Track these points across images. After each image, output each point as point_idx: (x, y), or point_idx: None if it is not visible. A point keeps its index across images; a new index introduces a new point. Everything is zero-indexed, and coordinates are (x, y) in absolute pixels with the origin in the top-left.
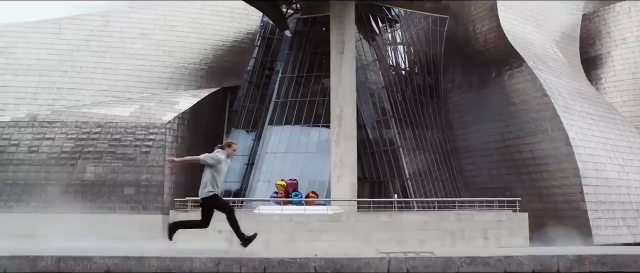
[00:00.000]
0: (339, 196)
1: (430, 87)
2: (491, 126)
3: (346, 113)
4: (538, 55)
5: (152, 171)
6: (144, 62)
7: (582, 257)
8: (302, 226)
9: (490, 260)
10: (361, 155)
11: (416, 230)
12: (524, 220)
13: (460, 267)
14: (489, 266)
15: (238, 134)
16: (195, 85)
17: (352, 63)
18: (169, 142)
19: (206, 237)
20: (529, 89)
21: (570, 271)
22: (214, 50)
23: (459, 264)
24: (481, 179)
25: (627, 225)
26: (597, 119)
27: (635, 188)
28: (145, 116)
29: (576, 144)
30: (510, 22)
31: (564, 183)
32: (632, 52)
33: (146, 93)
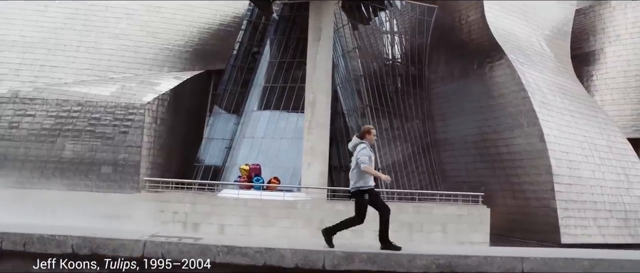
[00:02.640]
0: (308, 183)
1: (414, 77)
2: (471, 119)
3: (320, 100)
4: (521, 49)
5: (129, 151)
6: (127, 42)
7: (351, 254)
8: (257, 211)
9: (249, 251)
10: (339, 143)
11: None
12: (485, 216)
13: (217, 255)
14: (247, 257)
15: (220, 117)
16: (179, 67)
17: (328, 50)
18: (147, 123)
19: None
20: (508, 82)
21: (337, 268)
22: (200, 32)
23: (215, 252)
24: (458, 173)
25: (598, 226)
26: (577, 116)
27: (610, 188)
28: (125, 96)
29: (550, 141)
30: (496, 13)
31: (536, 180)
32: (625, 50)
33: (129, 73)
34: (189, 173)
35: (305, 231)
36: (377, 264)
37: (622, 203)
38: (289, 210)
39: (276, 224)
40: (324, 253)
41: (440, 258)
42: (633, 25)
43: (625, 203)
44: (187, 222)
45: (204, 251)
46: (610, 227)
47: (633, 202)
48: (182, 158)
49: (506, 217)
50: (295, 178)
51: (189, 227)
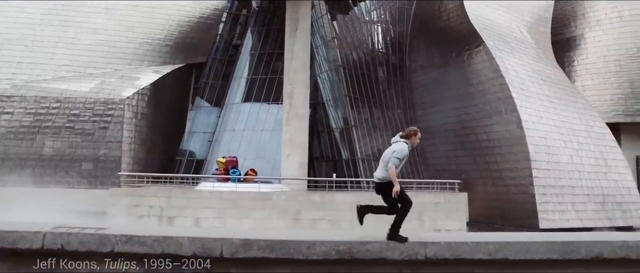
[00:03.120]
0: (287, 175)
1: (394, 66)
2: (450, 107)
3: (297, 92)
4: (501, 36)
5: (110, 147)
6: (106, 37)
7: (249, 241)
8: (232, 204)
9: (147, 239)
10: (319, 134)
11: (348, 210)
12: (462, 203)
13: (116, 244)
14: (145, 246)
15: (202, 110)
16: (159, 61)
17: (305, 41)
18: (127, 118)
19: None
20: (486, 69)
21: (235, 256)
22: (179, 26)
23: (114, 242)
24: (439, 161)
25: (576, 210)
26: (555, 102)
27: (588, 173)
28: (104, 92)
29: (528, 127)
30: (476, 1)
31: (515, 167)
32: (605, 35)
33: (108, 68)
34: (171, 167)
35: (280, 222)
36: (276, 251)
37: (600, 187)
38: (264, 202)
39: (251, 216)
40: (221, 240)
41: (340, 245)
42: (612, 10)
43: (603, 187)
44: (163, 215)
45: (103, 241)
46: (588, 211)
47: (611, 186)
48: (164, 153)
49: (486, 203)
50: (276, 170)
51: (165, 221)
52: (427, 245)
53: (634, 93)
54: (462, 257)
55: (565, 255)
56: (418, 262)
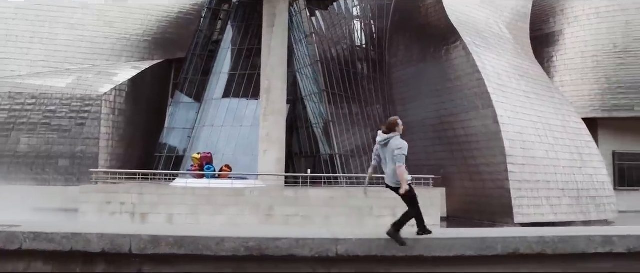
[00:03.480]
0: (264, 171)
1: (374, 62)
2: (429, 102)
3: (275, 87)
4: (478, 32)
5: (87, 143)
6: (84, 32)
7: (158, 238)
8: (205, 200)
9: (55, 236)
10: (298, 130)
11: (322, 206)
12: (436, 198)
13: (24, 242)
14: (54, 243)
15: (181, 106)
16: (138, 57)
17: (283, 37)
18: (105, 114)
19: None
20: (463, 65)
21: (144, 252)
22: (158, 21)
23: (22, 239)
24: (418, 156)
25: (551, 204)
26: (532, 97)
27: (563, 168)
28: (81, 88)
29: (504, 122)
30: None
31: (491, 162)
32: (583, 31)
33: (86, 64)
34: (150, 164)
35: (253, 218)
36: (185, 248)
37: (575, 182)
38: (236, 198)
39: (224, 212)
40: (130, 237)
41: (250, 241)
42: (589, 7)
43: (578, 182)
44: (135, 212)
45: (11, 238)
46: (562, 205)
47: (585, 181)
48: (144, 149)
49: (464, 198)
50: (254, 165)
51: (137, 217)
52: (338, 242)
53: (611, 89)
54: (374, 254)
55: (480, 251)
56: (330, 260)
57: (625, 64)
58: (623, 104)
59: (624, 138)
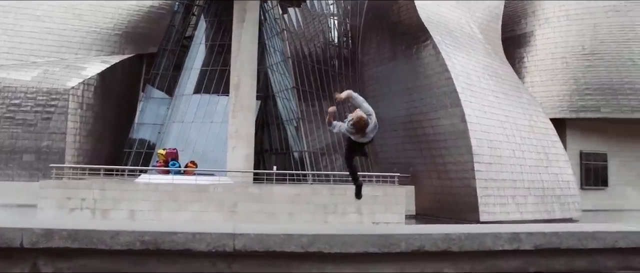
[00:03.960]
0: (233, 167)
1: (346, 60)
2: (399, 100)
3: (244, 83)
4: (449, 31)
5: (53, 138)
6: (51, 24)
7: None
8: (168, 196)
9: None
10: (269, 127)
11: (287, 203)
12: (401, 196)
13: None
14: None
15: (152, 102)
16: (108, 51)
17: (253, 33)
18: (72, 108)
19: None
20: (432, 64)
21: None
22: (129, 15)
23: None
24: (389, 154)
25: (516, 203)
26: (500, 97)
27: (529, 167)
28: (48, 81)
29: (472, 121)
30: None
31: (459, 160)
32: (554, 32)
33: (53, 57)
34: (120, 159)
35: (218, 215)
36: (79, 241)
37: (541, 181)
38: (200, 194)
39: (187, 208)
40: (22, 230)
41: (146, 235)
42: (560, 9)
43: (543, 181)
44: (96, 208)
45: None
46: (528, 204)
47: (550, 180)
48: (113, 144)
49: (432, 196)
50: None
51: (98, 213)
52: (235, 236)
53: (578, 90)
54: (273, 249)
55: (383, 248)
56: (230, 255)
57: (592, 66)
58: (590, 105)
59: (591, 139)
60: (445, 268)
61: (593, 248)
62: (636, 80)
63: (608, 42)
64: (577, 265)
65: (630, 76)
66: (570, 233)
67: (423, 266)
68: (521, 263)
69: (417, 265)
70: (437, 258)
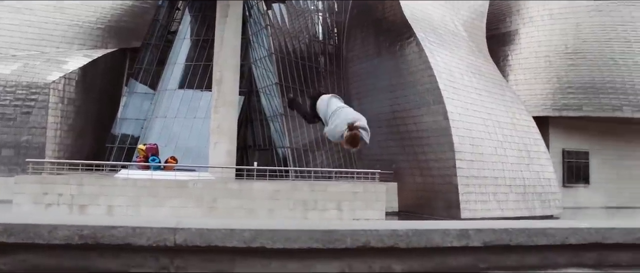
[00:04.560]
0: (215, 163)
1: (331, 56)
2: (383, 97)
3: (227, 78)
4: (433, 28)
5: (33, 133)
6: (32, 17)
7: None
8: (146, 191)
9: None
10: (252, 123)
11: (266, 199)
12: (381, 193)
13: None
14: None
15: (135, 97)
16: (90, 45)
17: (236, 27)
18: (53, 103)
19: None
20: (416, 60)
21: None
22: (113, 8)
23: None
24: (373, 151)
25: (497, 200)
26: (483, 94)
27: (511, 164)
28: (28, 75)
29: (454, 118)
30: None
31: (441, 157)
32: (537, 31)
33: (33, 51)
34: (101, 155)
35: (197, 210)
36: (15, 236)
37: (522, 178)
38: (179, 190)
39: (167, 204)
40: None
41: (84, 229)
42: (543, 8)
43: (525, 178)
44: (73, 204)
45: None
46: (509, 201)
47: (532, 177)
48: (95, 139)
49: (415, 193)
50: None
51: (75, 209)
52: (176, 231)
53: (561, 88)
54: (215, 244)
55: (328, 244)
56: (172, 250)
57: (575, 64)
58: (572, 103)
59: (573, 137)
60: (394, 265)
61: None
62: (617, 80)
63: (590, 41)
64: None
65: (612, 75)
66: (521, 230)
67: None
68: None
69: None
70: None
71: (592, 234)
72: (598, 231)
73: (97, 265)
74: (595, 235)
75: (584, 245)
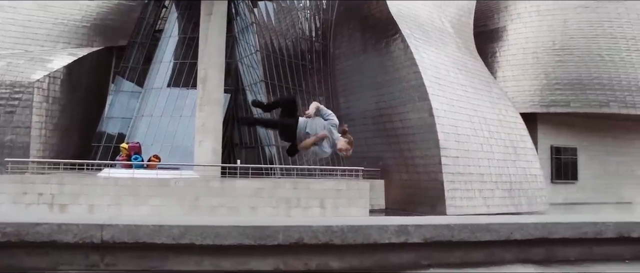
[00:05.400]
0: (200, 161)
1: (318, 53)
2: (369, 94)
3: (211, 76)
4: (419, 25)
5: (17, 132)
6: (15, 15)
7: None
8: (128, 190)
9: None
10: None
11: (249, 197)
12: (364, 190)
13: None
14: None
15: (121, 95)
16: (76, 43)
17: (221, 25)
18: (37, 102)
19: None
20: (401, 57)
21: None
22: (98, 7)
23: None
24: (360, 148)
25: (483, 197)
26: (470, 91)
27: (497, 161)
28: (11, 74)
29: (439, 115)
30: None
31: (426, 154)
32: (525, 28)
33: (17, 49)
34: (87, 154)
35: (179, 209)
36: None
37: (508, 175)
38: (161, 189)
39: (148, 202)
40: None
41: (8, 227)
42: (531, 5)
43: (511, 175)
44: (54, 203)
45: None
46: (495, 197)
47: (518, 173)
48: (81, 138)
49: (402, 190)
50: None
51: (56, 208)
52: (103, 227)
53: (549, 84)
54: (143, 240)
55: (259, 240)
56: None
57: (562, 61)
58: (560, 99)
59: (561, 133)
60: (331, 262)
61: (489, 240)
62: (604, 76)
63: (577, 37)
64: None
65: (599, 71)
66: (463, 226)
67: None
68: (413, 257)
69: (300, 259)
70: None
71: (538, 229)
72: (544, 226)
73: (24, 264)
74: (541, 230)
75: (531, 240)
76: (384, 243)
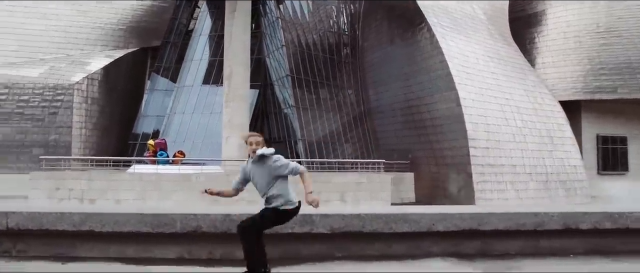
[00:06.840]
0: (227, 157)
1: (346, 46)
2: (397, 86)
3: (236, 73)
4: (447, 12)
5: (60, 132)
6: (57, 22)
7: None
8: (152, 185)
9: None
10: (267, 116)
11: None
12: (386, 183)
13: None
14: None
15: (156, 94)
16: (112, 46)
17: (245, 21)
18: (77, 102)
19: None
20: (427, 47)
21: None
22: (133, 10)
23: None
24: (389, 141)
25: (516, 189)
26: (501, 79)
27: (531, 151)
28: (53, 77)
29: (467, 105)
30: None
31: (455, 146)
32: (565, 11)
33: (60, 54)
34: (125, 151)
35: (201, 203)
36: None
37: (544, 166)
38: (183, 183)
39: (171, 197)
40: None
41: None
42: None
43: (547, 166)
44: (83, 198)
45: None
46: (529, 189)
47: (555, 164)
48: (119, 136)
49: (431, 183)
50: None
51: (86, 202)
52: (8, 215)
53: (593, 70)
54: (46, 227)
55: (157, 228)
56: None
57: (608, 44)
58: (606, 85)
59: (608, 121)
60: (237, 252)
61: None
62: None
63: (626, 18)
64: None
65: None
66: (375, 216)
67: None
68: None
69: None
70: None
71: (465, 220)
72: (472, 217)
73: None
74: (469, 221)
75: (461, 232)
76: (296, 233)
